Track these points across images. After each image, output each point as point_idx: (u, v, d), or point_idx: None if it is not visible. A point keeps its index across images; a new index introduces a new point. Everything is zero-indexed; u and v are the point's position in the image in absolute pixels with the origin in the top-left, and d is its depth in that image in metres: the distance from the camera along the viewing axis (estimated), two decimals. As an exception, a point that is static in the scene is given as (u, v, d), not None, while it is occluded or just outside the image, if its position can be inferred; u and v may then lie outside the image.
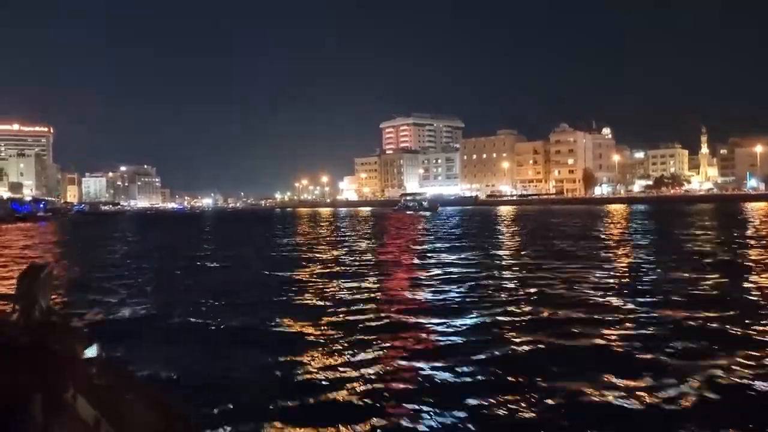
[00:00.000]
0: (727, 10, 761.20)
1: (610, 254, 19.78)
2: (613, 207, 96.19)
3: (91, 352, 0.98)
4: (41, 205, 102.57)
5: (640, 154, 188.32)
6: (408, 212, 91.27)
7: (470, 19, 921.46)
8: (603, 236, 29.24)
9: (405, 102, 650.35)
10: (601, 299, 11.00)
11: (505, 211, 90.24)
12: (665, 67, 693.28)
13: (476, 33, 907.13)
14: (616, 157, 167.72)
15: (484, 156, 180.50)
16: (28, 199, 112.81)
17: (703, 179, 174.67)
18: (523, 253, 20.93)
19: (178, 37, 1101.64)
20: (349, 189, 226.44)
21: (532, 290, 12.13)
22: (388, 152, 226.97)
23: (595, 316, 9.31)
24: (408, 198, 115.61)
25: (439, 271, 15.94)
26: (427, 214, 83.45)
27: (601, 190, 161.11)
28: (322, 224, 55.34)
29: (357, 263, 18.72)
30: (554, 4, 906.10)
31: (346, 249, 24.52)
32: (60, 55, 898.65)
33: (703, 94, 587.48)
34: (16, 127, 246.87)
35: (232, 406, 5.53)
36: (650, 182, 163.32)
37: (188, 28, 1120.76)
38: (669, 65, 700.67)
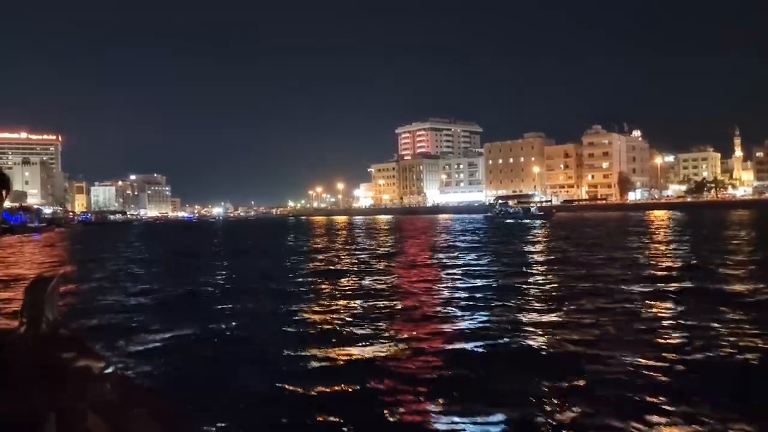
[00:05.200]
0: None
1: None
2: (655, 213, 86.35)
3: (101, 366, 0.96)
4: (37, 215, 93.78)
5: (669, 158, 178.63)
6: (508, 221, 68.38)
7: (483, 23, 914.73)
8: None
9: (420, 107, 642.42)
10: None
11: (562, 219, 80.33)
12: (691, 68, 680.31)
13: (491, 36, 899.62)
14: (658, 160, 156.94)
15: (511, 160, 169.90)
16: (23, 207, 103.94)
17: (737, 183, 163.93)
18: None
19: (188, 47, 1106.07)
20: (365, 196, 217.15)
21: None
22: (405, 158, 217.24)
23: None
24: (505, 202, 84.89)
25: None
26: (537, 223, 61.27)
27: (635, 195, 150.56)
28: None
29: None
30: (572, 4, 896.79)
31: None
32: (73, 65, 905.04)
33: (732, 95, 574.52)
34: (23, 135, 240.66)
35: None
36: (686, 186, 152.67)
37: (199, 38, 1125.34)
38: (694, 66, 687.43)
